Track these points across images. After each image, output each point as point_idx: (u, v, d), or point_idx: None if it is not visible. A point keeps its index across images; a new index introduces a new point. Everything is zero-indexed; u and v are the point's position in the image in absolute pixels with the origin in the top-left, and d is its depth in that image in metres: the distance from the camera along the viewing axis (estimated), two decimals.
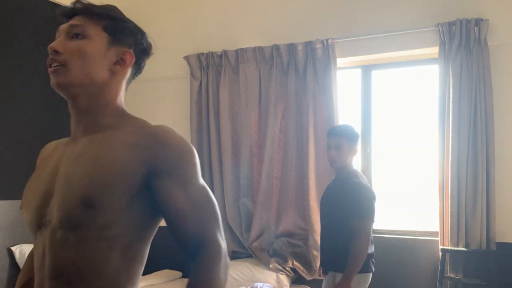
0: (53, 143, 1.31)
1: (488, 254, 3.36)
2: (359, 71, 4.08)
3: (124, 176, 1.06)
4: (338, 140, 2.88)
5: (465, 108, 3.44)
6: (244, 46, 4.17)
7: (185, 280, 4.09)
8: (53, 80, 1.13)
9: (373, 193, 2.88)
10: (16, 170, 3.80)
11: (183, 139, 1.12)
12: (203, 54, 4.30)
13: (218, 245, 1.07)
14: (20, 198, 3.85)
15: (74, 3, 1.19)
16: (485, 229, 3.37)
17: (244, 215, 4.10)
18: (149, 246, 1.15)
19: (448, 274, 3.45)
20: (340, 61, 3.95)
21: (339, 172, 2.98)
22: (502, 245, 3.38)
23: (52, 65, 1.13)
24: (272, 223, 4.02)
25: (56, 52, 1.13)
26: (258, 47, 4.11)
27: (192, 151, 1.12)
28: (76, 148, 1.14)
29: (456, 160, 3.43)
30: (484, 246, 3.36)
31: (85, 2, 1.19)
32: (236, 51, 4.19)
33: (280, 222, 4.02)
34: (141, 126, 1.15)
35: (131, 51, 1.20)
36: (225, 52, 4.22)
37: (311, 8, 4.04)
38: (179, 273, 4.24)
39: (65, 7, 1.19)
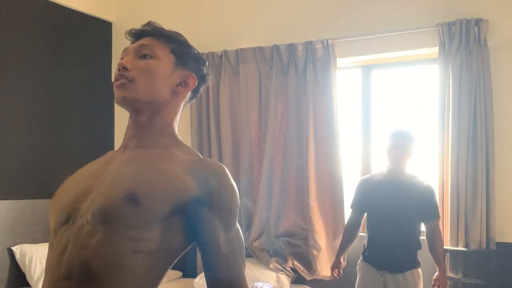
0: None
1: (488, 254, 3.36)
2: (359, 71, 4.09)
3: (176, 188, 1.08)
4: (404, 141, 3.01)
5: (465, 108, 3.44)
6: (244, 46, 4.17)
7: (185, 280, 4.11)
8: (118, 94, 1.17)
9: None
10: (16, 170, 3.81)
11: (234, 183, 1.16)
12: (203, 54, 4.30)
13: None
14: (21, 198, 3.86)
15: (144, 25, 1.24)
16: (485, 229, 3.37)
17: (244, 215, 4.11)
18: (171, 265, 1.15)
19: (448, 274, 3.45)
20: (340, 61, 3.96)
21: (399, 173, 3.05)
22: (502, 245, 3.38)
23: (120, 80, 1.17)
24: (272, 223, 4.02)
25: (125, 68, 1.17)
26: (258, 47, 4.11)
27: (238, 196, 1.17)
28: (127, 155, 1.17)
29: (456, 160, 3.44)
30: (484, 246, 3.36)
31: (155, 24, 1.24)
32: (236, 51, 4.19)
33: (280, 222, 4.02)
34: (196, 155, 1.19)
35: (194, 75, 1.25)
36: (225, 52, 4.23)
37: (311, 8, 4.04)
38: (180, 273, 4.24)
39: (135, 28, 1.25)
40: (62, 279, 1.05)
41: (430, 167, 3.78)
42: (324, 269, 3.85)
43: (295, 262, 3.92)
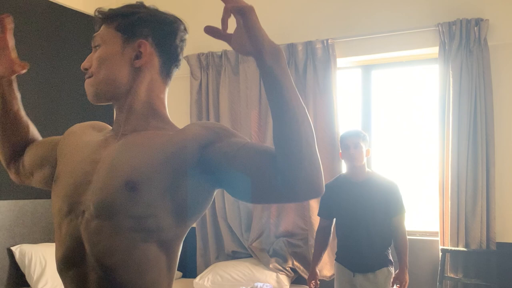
0: (89, 126, 1.31)
1: (488, 254, 3.36)
2: (359, 71, 4.08)
3: (173, 154, 1.06)
4: (355, 139, 3.01)
5: (465, 108, 3.44)
6: None
7: (185, 280, 4.11)
8: (87, 93, 1.18)
9: None
10: None
11: None
12: (203, 54, 4.30)
13: None
14: (21, 198, 3.85)
15: (95, 15, 1.20)
16: (485, 229, 3.37)
17: (244, 215, 4.10)
18: (181, 248, 1.14)
19: (448, 274, 3.45)
20: (340, 61, 3.95)
21: (360, 172, 3.05)
22: (502, 245, 3.38)
23: (85, 81, 1.18)
24: (272, 223, 4.02)
25: (86, 69, 1.18)
26: None
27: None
28: (121, 141, 1.15)
29: (456, 160, 3.43)
30: (484, 246, 3.36)
31: (103, 9, 1.19)
32: None
33: (280, 222, 4.02)
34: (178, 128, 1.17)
35: (147, 40, 1.16)
36: (225, 52, 4.22)
37: (311, 8, 4.04)
38: (179, 273, 4.24)
39: (95, 18, 1.21)
40: (88, 275, 1.08)
41: (430, 167, 3.79)
42: (324, 269, 3.85)
43: (295, 262, 3.92)
